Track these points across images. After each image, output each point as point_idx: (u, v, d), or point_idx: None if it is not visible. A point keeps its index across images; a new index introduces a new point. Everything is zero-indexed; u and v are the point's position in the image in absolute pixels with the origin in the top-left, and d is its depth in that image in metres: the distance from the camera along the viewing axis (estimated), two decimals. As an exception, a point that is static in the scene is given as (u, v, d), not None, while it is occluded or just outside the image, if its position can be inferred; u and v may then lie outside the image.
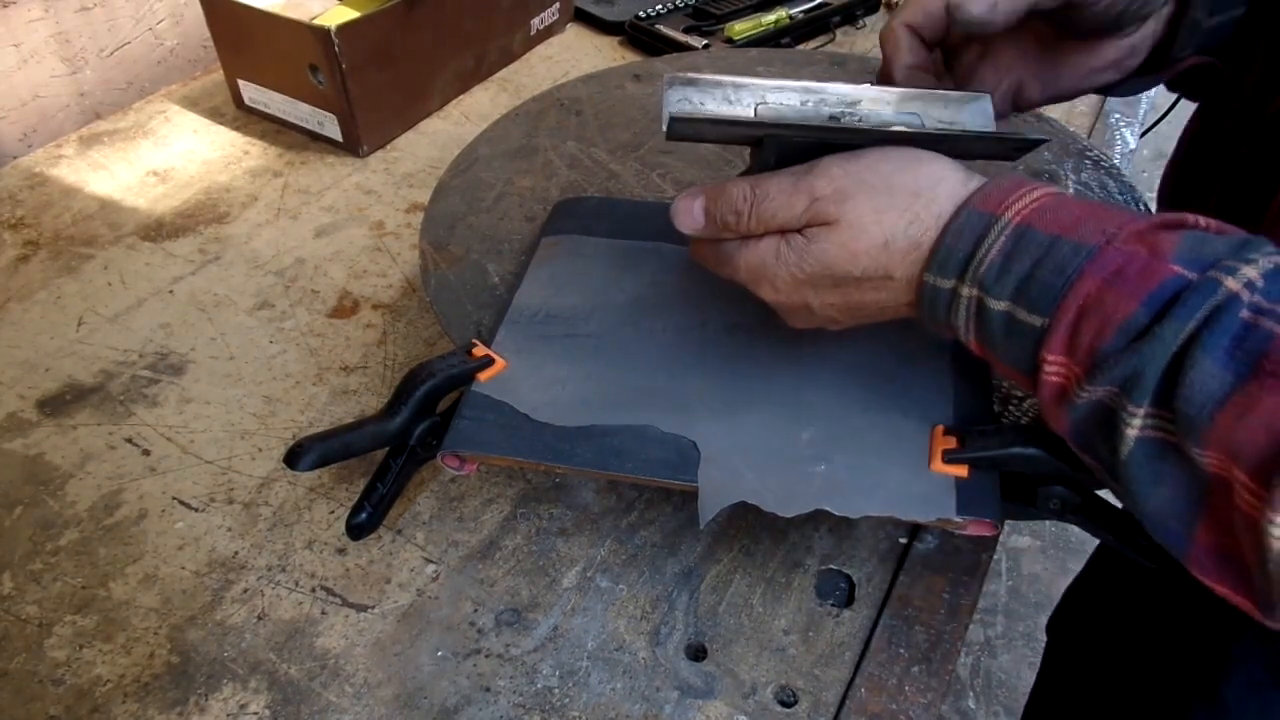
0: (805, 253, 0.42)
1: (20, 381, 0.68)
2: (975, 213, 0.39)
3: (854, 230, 0.41)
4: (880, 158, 0.42)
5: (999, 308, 0.38)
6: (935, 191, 0.41)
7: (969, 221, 0.39)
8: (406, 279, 0.77)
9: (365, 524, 0.49)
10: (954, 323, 0.41)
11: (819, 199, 0.41)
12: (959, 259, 0.39)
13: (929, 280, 0.40)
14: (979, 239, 0.39)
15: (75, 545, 0.57)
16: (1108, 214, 0.37)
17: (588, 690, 0.50)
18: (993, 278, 0.38)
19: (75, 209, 0.85)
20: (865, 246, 0.41)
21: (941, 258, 0.40)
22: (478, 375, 0.52)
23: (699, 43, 1.05)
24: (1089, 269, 0.36)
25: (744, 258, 0.44)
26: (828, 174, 0.42)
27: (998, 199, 0.39)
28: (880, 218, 0.41)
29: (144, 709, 0.50)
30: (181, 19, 1.01)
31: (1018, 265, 0.37)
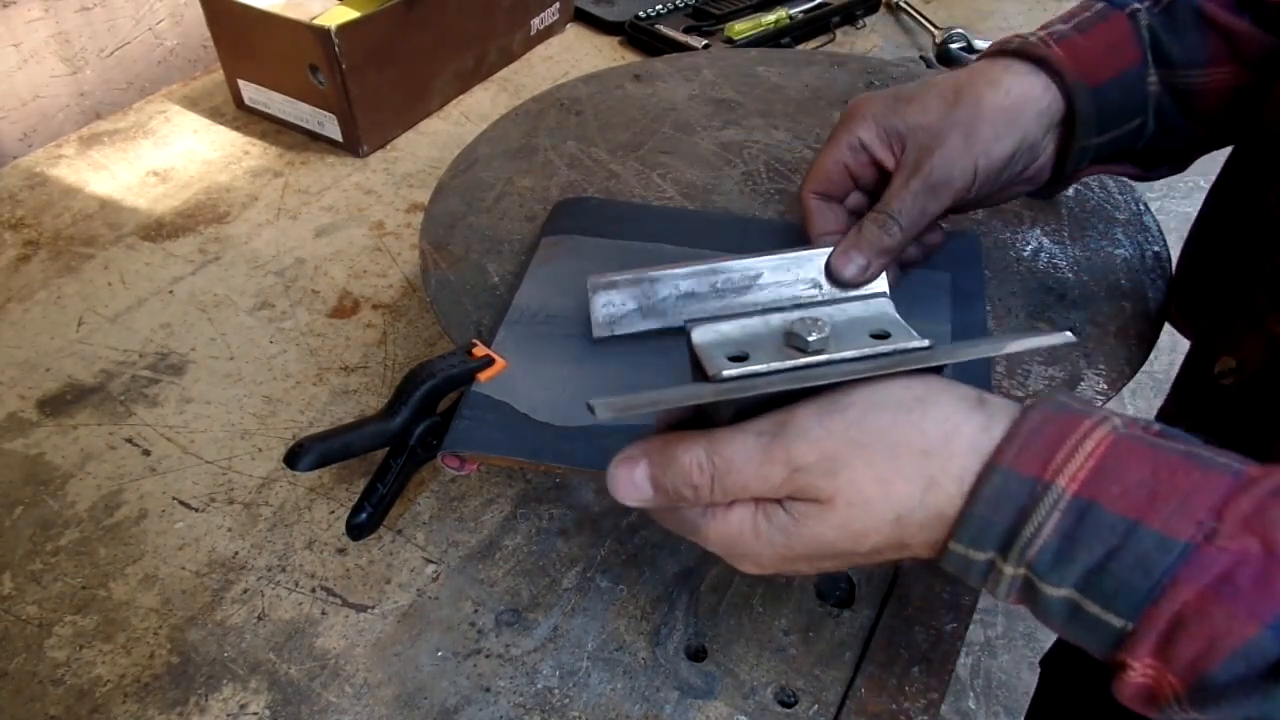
0: (794, 533, 0.34)
1: (20, 381, 0.68)
2: (1014, 476, 0.31)
3: (854, 509, 0.33)
4: (870, 407, 0.33)
5: (1058, 594, 0.31)
6: (950, 446, 0.32)
7: (1007, 487, 0.31)
8: (406, 279, 0.77)
9: (365, 524, 0.49)
10: (991, 587, 0.33)
11: (801, 469, 0.33)
12: (998, 533, 0.31)
13: (957, 550, 0.33)
14: (1023, 512, 0.31)
15: (75, 545, 0.57)
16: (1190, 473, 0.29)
17: (588, 690, 0.50)
18: (1048, 563, 0.30)
19: (75, 209, 0.85)
20: (872, 525, 0.33)
21: (975, 529, 0.32)
22: (478, 375, 0.52)
23: (699, 43, 1.05)
24: (1184, 574, 0.28)
25: (713, 530, 0.36)
26: (806, 436, 0.33)
27: (1041, 456, 0.31)
28: (886, 490, 0.33)
29: (144, 709, 0.50)
30: (181, 19, 1.01)
31: (1084, 553, 0.30)
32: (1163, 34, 0.50)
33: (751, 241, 0.61)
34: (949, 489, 0.32)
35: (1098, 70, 0.49)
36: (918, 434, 0.33)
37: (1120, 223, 0.64)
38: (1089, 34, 0.50)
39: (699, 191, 0.68)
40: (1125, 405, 1.66)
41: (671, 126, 0.75)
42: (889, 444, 0.33)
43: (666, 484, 0.35)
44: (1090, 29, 0.50)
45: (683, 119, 0.76)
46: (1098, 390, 0.52)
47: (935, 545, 0.33)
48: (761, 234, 0.62)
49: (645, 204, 0.67)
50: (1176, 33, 0.49)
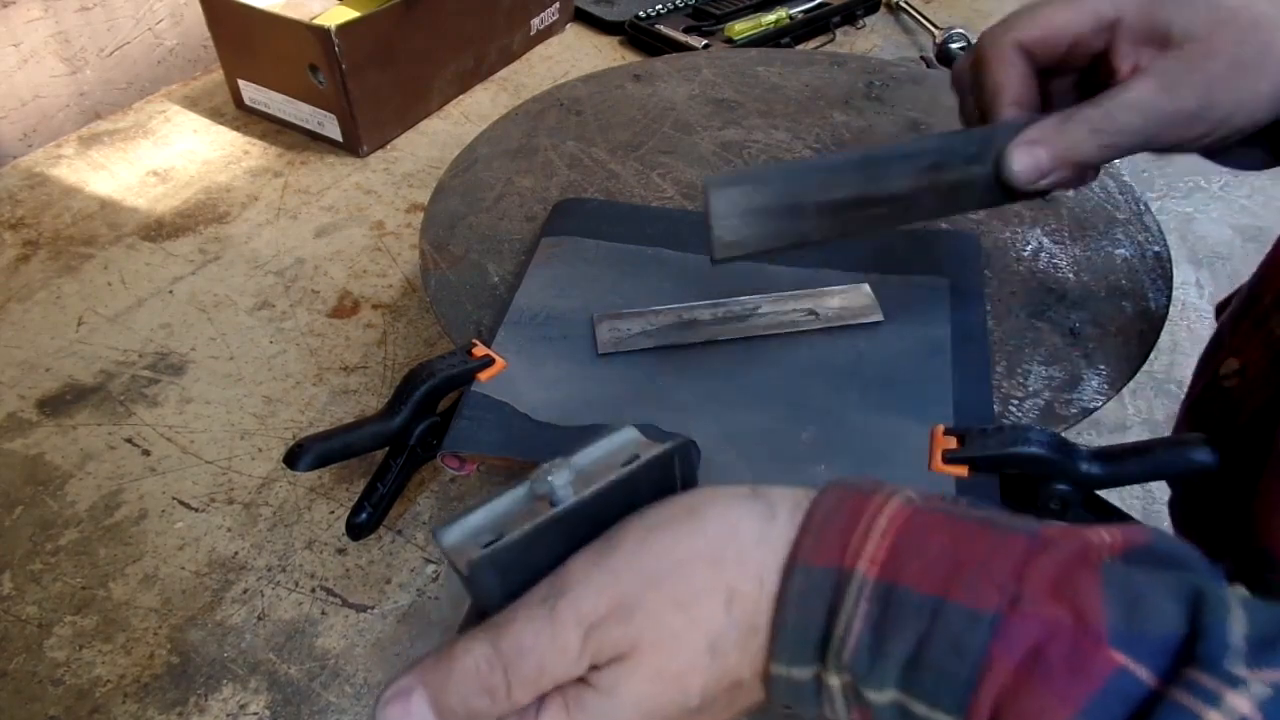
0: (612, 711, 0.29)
1: (20, 381, 0.68)
2: (815, 570, 0.28)
3: (662, 649, 0.29)
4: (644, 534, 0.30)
5: (884, 699, 0.28)
6: (737, 545, 0.29)
7: (810, 583, 0.28)
8: (406, 279, 0.77)
9: (365, 524, 0.49)
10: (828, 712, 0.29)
11: (595, 626, 0.29)
12: (814, 639, 0.28)
13: (780, 674, 0.29)
14: (831, 608, 0.28)
15: (75, 545, 0.57)
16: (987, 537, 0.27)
17: (588, 690, 0.50)
18: (866, 664, 0.27)
19: (75, 209, 0.85)
20: (688, 663, 0.29)
21: (790, 642, 0.28)
22: (478, 375, 0.52)
23: (699, 43, 1.05)
24: (996, 650, 0.26)
25: None
26: (589, 584, 0.29)
27: (837, 542, 0.28)
28: (688, 614, 0.29)
29: (144, 709, 0.50)
30: (181, 19, 1.01)
31: (898, 644, 0.27)
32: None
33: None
34: (751, 593, 0.29)
35: None
36: (703, 543, 0.29)
37: (1120, 223, 0.64)
38: None
39: (699, 191, 0.68)
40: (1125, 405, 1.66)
41: (671, 126, 0.75)
42: (675, 563, 0.29)
43: (454, 703, 0.29)
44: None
45: (683, 119, 0.76)
46: (1097, 390, 0.52)
47: (761, 674, 0.29)
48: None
49: (645, 205, 0.67)
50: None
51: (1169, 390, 0.89)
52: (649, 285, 0.59)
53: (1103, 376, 0.53)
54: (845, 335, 0.53)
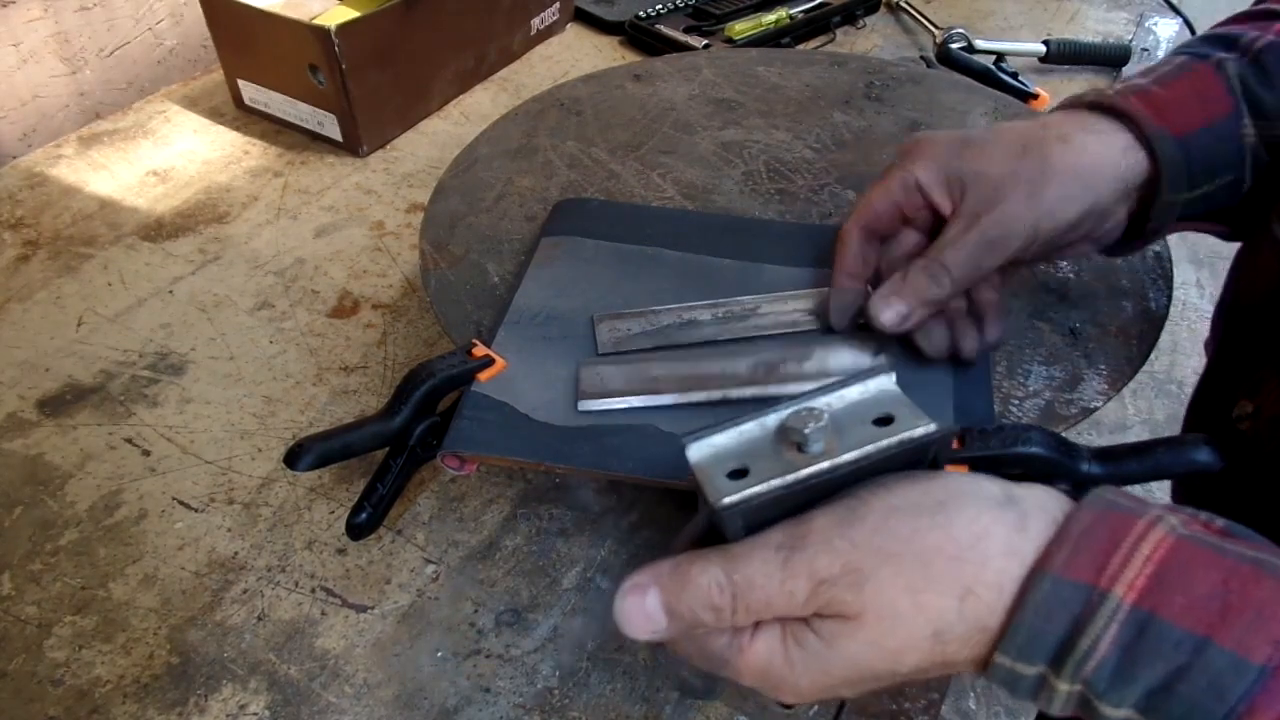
0: (827, 657, 0.32)
1: (20, 381, 0.68)
2: (1065, 583, 0.29)
3: (886, 624, 0.31)
4: (888, 513, 0.31)
5: (1118, 715, 0.28)
6: (983, 550, 0.30)
7: (1058, 595, 0.29)
8: (406, 279, 0.77)
9: (365, 524, 0.49)
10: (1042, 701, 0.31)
11: (825, 582, 0.31)
12: (1050, 645, 0.29)
13: (1003, 664, 0.30)
14: (1078, 622, 0.28)
15: (75, 545, 0.57)
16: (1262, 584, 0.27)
17: (588, 691, 0.50)
18: (1105, 680, 0.28)
19: (75, 209, 0.85)
20: (908, 642, 0.31)
21: (1023, 640, 0.29)
22: (478, 375, 0.52)
23: (699, 43, 1.05)
24: (1261, 702, 0.26)
25: (744, 663, 0.33)
26: (827, 547, 0.31)
27: (1094, 561, 0.29)
28: (918, 600, 0.30)
29: (143, 709, 0.50)
30: (181, 19, 1.01)
31: (1146, 671, 0.27)
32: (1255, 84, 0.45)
33: (752, 242, 0.61)
34: (988, 598, 0.30)
35: (1185, 119, 0.45)
36: (946, 539, 0.31)
37: (1120, 223, 0.64)
38: (1171, 85, 0.46)
39: (699, 191, 0.68)
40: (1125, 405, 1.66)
41: (671, 126, 0.75)
42: (915, 551, 0.31)
43: (683, 609, 0.32)
44: (1172, 81, 0.46)
45: (683, 119, 0.76)
46: (1097, 390, 0.52)
47: (979, 660, 0.31)
48: (761, 234, 0.62)
49: (645, 205, 0.67)
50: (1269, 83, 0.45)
51: (1169, 390, 0.89)
52: (649, 285, 0.59)
53: (1103, 376, 0.53)
54: (845, 335, 0.53)
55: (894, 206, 0.50)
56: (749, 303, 0.55)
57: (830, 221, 0.65)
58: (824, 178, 0.69)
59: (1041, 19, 1.20)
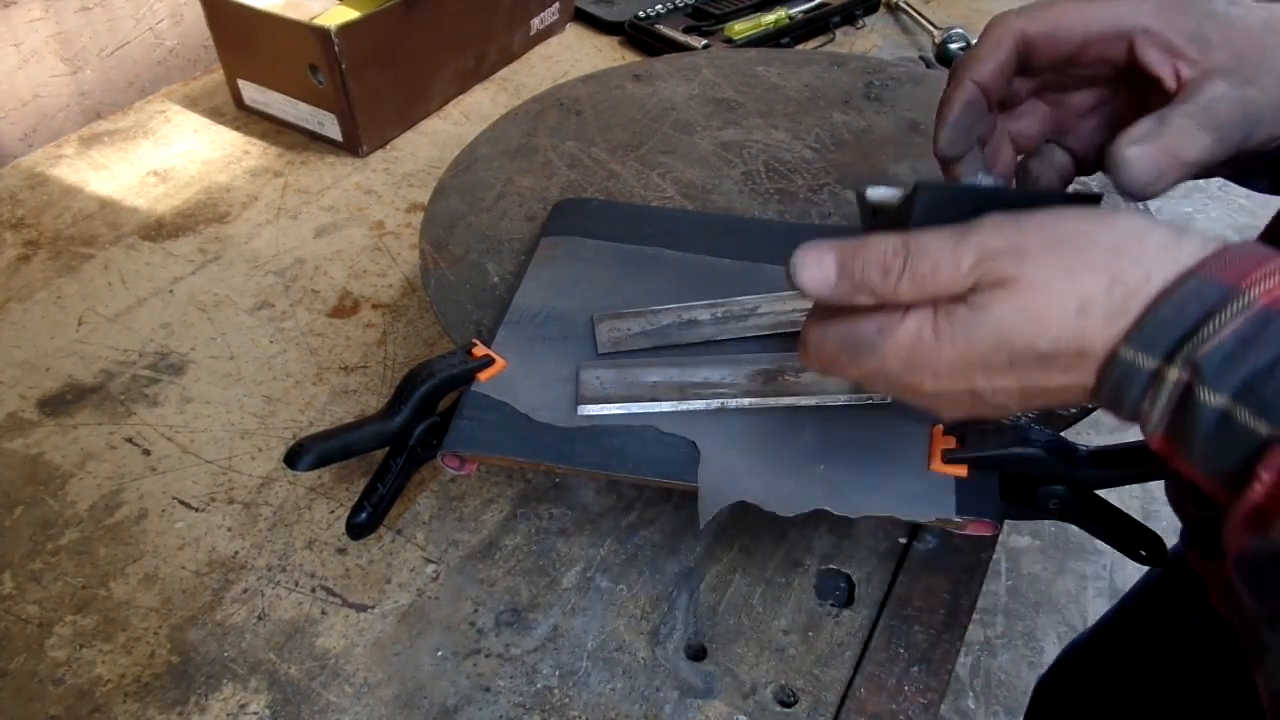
0: (974, 324, 0.33)
1: (20, 381, 0.68)
2: (1207, 282, 0.31)
3: (1038, 291, 0.33)
4: (1059, 214, 0.34)
5: (1215, 403, 0.30)
6: (1141, 245, 0.32)
7: (1199, 292, 0.31)
8: (406, 279, 0.77)
9: (365, 524, 0.49)
10: (1144, 410, 0.32)
11: (990, 255, 0.33)
12: (1175, 335, 0.31)
13: (1126, 356, 0.32)
14: (1208, 314, 0.30)
15: (75, 545, 0.57)
16: None
17: (588, 690, 0.50)
18: (1216, 364, 0.30)
19: (75, 209, 0.85)
20: (1054, 312, 0.32)
21: (1152, 330, 0.31)
22: (478, 375, 0.52)
23: (699, 43, 1.05)
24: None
25: (891, 342, 0.35)
26: (998, 230, 0.34)
27: (1239, 269, 0.31)
28: (1072, 279, 0.32)
29: (144, 709, 0.50)
30: (181, 19, 1.01)
31: (1255, 356, 0.29)
32: None
33: (751, 242, 0.61)
34: (1136, 284, 0.32)
35: None
36: (1108, 233, 0.33)
37: (1120, 223, 0.64)
38: None
39: (699, 191, 0.68)
40: (1125, 405, 1.66)
41: (671, 126, 0.75)
42: (1077, 239, 0.33)
43: (854, 268, 0.35)
44: None
45: (683, 119, 0.76)
46: (1097, 390, 0.52)
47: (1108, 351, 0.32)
48: (761, 234, 0.62)
49: (645, 205, 0.67)
50: None
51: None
52: (649, 285, 0.59)
53: (1102, 376, 0.53)
54: None
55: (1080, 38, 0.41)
56: (749, 303, 0.55)
57: (830, 221, 0.65)
58: (823, 178, 0.69)
59: (1041, 19, 1.19)
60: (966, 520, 0.44)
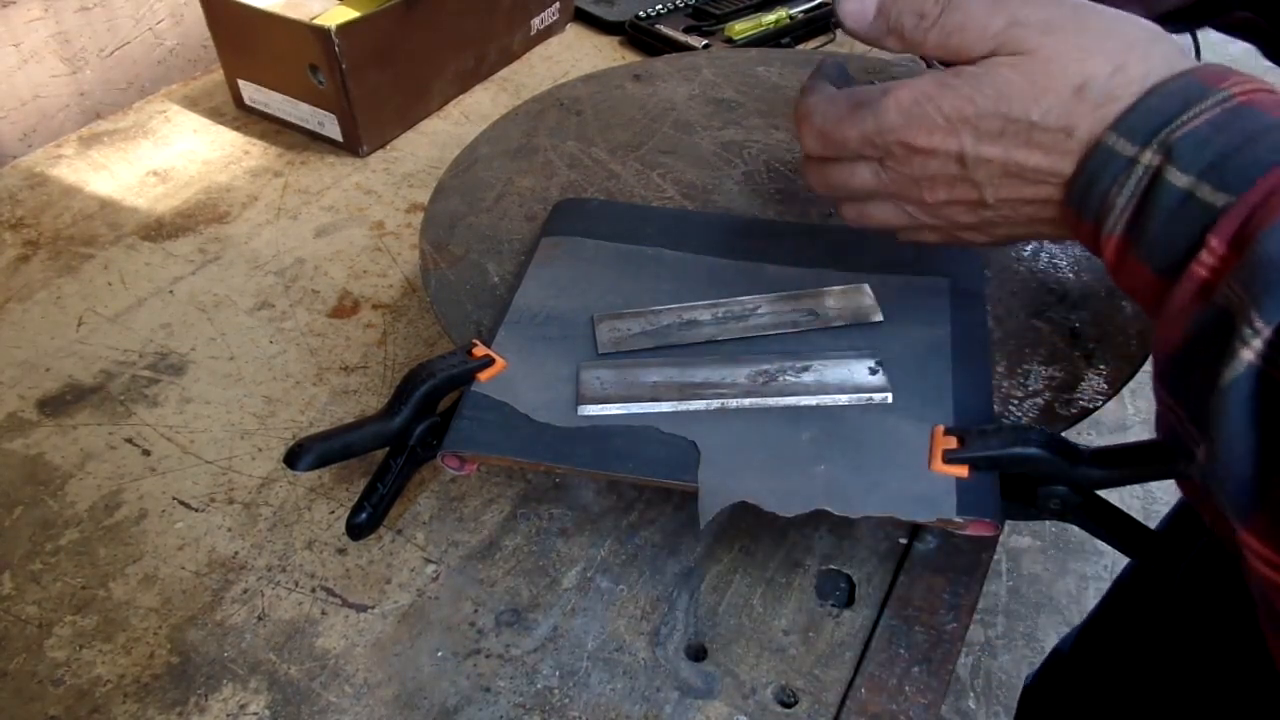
0: (981, 79, 0.36)
1: (20, 381, 0.68)
2: (1193, 80, 0.34)
3: (1049, 65, 0.35)
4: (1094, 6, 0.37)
5: (1180, 183, 0.32)
6: (1152, 49, 0.35)
7: (1184, 86, 0.34)
8: (406, 279, 0.77)
9: (365, 524, 0.49)
10: (1110, 202, 0.34)
11: (1020, 23, 0.36)
12: (1156, 121, 0.33)
13: (1108, 143, 0.34)
14: (1188, 103, 0.33)
15: (75, 545, 0.57)
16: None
17: (588, 690, 0.50)
18: (1188, 146, 0.32)
19: (75, 209, 0.85)
20: (1056, 86, 0.35)
21: (1136, 117, 0.34)
22: (478, 375, 0.52)
23: (699, 43, 1.05)
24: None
25: (895, 95, 0.37)
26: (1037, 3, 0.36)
27: (1221, 75, 0.34)
28: (1084, 59, 0.35)
29: (144, 709, 0.50)
30: (181, 19, 1.01)
31: (1223, 139, 0.32)
32: None
33: (752, 242, 0.61)
34: (1133, 77, 0.35)
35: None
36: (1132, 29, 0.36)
37: (1120, 223, 0.64)
38: None
39: (699, 191, 0.68)
40: (1125, 405, 1.66)
41: (671, 126, 0.75)
42: (1106, 27, 0.36)
43: (892, 10, 0.38)
44: None
45: (683, 119, 0.76)
46: (1098, 390, 0.52)
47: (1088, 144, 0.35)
48: (761, 234, 0.62)
49: (645, 205, 0.67)
50: None
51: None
52: (649, 285, 0.59)
53: (1103, 376, 0.53)
54: (845, 335, 0.53)
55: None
56: (749, 303, 0.55)
57: (830, 221, 0.65)
58: (824, 178, 0.69)
59: (1041, 19, 1.20)
60: (967, 520, 0.44)
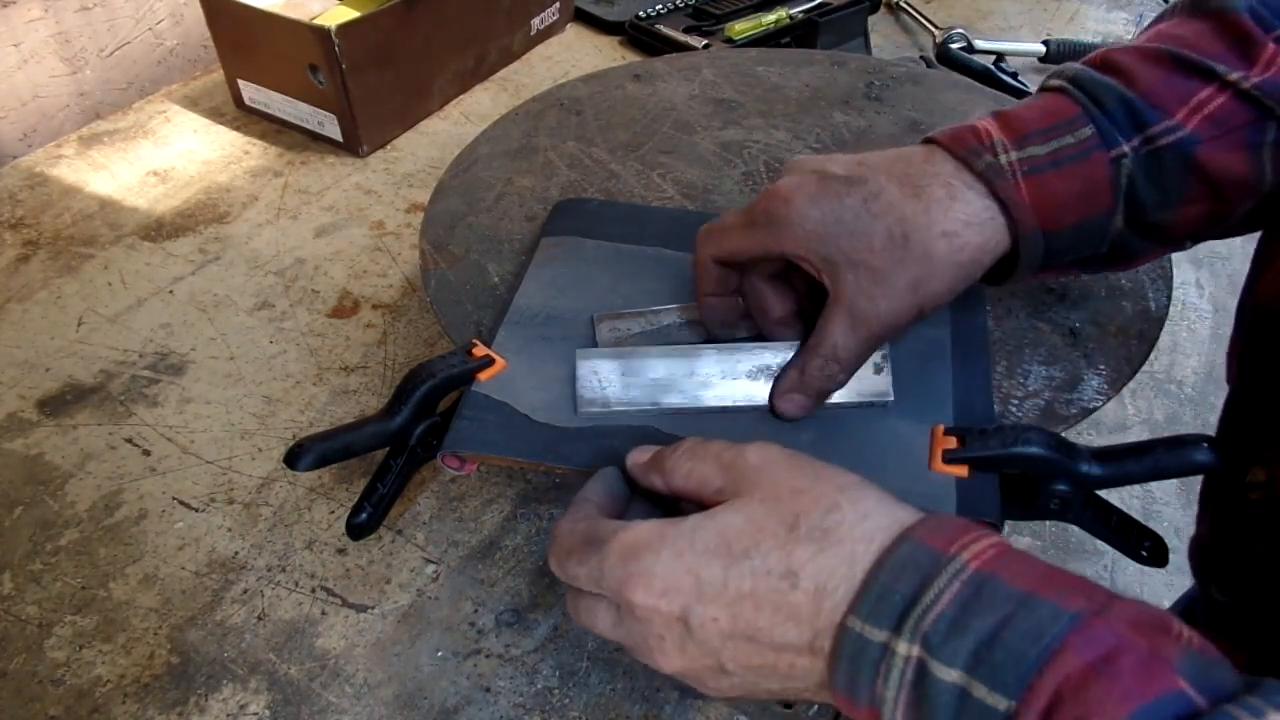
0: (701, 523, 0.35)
1: (20, 381, 0.68)
2: (920, 547, 0.32)
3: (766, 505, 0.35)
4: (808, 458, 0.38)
5: (948, 679, 0.29)
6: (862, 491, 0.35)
7: (912, 556, 0.31)
8: (406, 279, 0.77)
9: (365, 524, 0.49)
10: (880, 694, 0.31)
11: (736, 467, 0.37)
12: (897, 602, 0.31)
13: (853, 627, 0.31)
14: (925, 580, 0.31)
15: (75, 545, 0.57)
16: (1083, 582, 0.31)
17: (588, 690, 0.50)
18: (942, 634, 0.29)
19: (75, 209, 0.85)
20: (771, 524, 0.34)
21: (875, 597, 0.31)
22: (478, 375, 0.52)
23: (699, 43, 1.05)
24: (1072, 641, 0.28)
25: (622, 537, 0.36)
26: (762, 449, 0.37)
27: (945, 536, 0.32)
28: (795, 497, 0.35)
29: (144, 709, 0.50)
30: (181, 19, 1.01)
31: (978, 622, 0.29)
32: (1141, 181, 0.45)
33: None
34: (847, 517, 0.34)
35: (1060, 216, 0.45)
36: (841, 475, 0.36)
37: (1120, 223, 0.64)
38: (1064, 172, 0.44)
39: (699, 191, 0.68)
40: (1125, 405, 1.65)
41: (671, 126, 0.75)
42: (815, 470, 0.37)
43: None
44: (1066, 167, 0.44)
45: (683, 119, 0.76)
46: (1097, 390, 0.52)
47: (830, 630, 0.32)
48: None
49: (645, 205, 0.67)
50: (1157, 180, 0.44)
51: (1169, 390, 0.89)
52: (649, 285, 0.59)
53: (1103, 376, 0.53)
54: None
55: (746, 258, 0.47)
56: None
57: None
58: (824, 178, 0.69)
59: (1041, 19, 1.20)
60: (967, 520, 0.44)
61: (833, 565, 0.32)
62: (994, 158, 0.44)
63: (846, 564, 0.32)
